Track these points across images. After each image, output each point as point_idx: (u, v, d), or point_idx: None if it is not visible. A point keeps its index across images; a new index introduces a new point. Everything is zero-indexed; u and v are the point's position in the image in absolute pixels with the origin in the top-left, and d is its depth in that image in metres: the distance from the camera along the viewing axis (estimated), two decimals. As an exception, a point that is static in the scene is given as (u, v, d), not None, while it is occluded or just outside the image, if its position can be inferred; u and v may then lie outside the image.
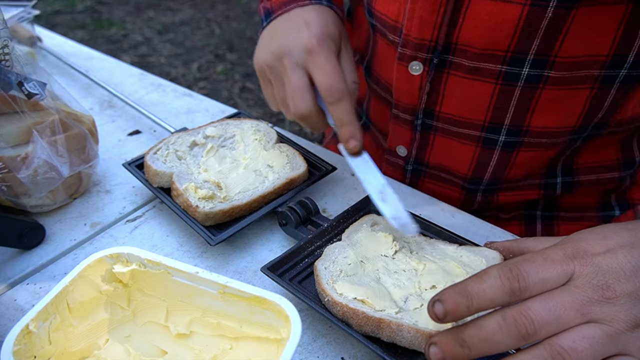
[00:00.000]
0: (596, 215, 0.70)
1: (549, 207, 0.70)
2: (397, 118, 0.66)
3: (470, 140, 0.63)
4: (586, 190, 0.68)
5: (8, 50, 0.56)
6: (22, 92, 0.57)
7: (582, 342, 0.34)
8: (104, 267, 0.44)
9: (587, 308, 0.35)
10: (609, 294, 0.36)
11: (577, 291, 0.36)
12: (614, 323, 0.35)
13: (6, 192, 0.57)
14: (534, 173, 0.66)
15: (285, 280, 0.50)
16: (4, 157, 0.55)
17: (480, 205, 0.70)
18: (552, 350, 0.34)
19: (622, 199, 0.70)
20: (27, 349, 0.39)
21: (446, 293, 0.37)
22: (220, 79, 3.09)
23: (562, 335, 0.35)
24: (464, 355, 0.36)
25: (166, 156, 0.63)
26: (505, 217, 0.71)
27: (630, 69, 0.54)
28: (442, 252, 0.52)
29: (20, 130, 0.57)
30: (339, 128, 0.54)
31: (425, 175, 0.71)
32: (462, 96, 0.59)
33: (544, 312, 0.35)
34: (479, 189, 0.68)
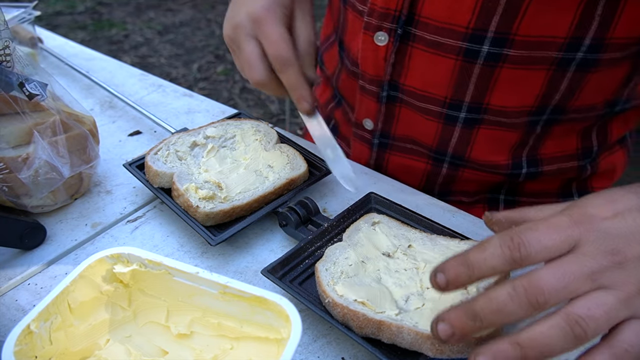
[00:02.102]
0: (556, 201, 0.69)
1: (512, 192, 0.71)
2: (363, 90, 0.68)
3: (433, 115, 0.64)
4: (548, 179, 0.69)
5: (9, 51, 0.56)
6: (23, 93, 0.57)
7: (597, 309, 0.34)
8: (105, 268, 0.44)
9: (597, 274, 0.35)
10: (619, 258, 0.35)
11: (585, 258, 0.35)
12: (625, 287, 0.34)
13: (7, 192, 0.57)
14: (499, 161, 0.66)
15: (285, 282, 0.50)
16: (5, 157, 0.55)
17: (445, 179, 0.71)
18: (569, 318, 0.34)
19: (583, 187, 0.71)
20: (28, 349, 0.39)
21: (448, 263, 0.37)
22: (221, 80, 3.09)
23: (576, 304, 0.34)
24: (475, 328, 0.35)
25: (167, 156, 0.63)
26: (469, 201, 0.72)
27: (587, 53, 0.55)
28: (445, 248, 0.52)
29: (21, 131, 0.57)
30: (290, 92, 0.56)
31: (392, 148, 0.72)
32: (425, 70, 0.61)
33: (554, 280, 0.34)
34: (445, 160, 0.69)
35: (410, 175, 0.72)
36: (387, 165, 0.74)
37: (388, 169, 0.74)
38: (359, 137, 0.74)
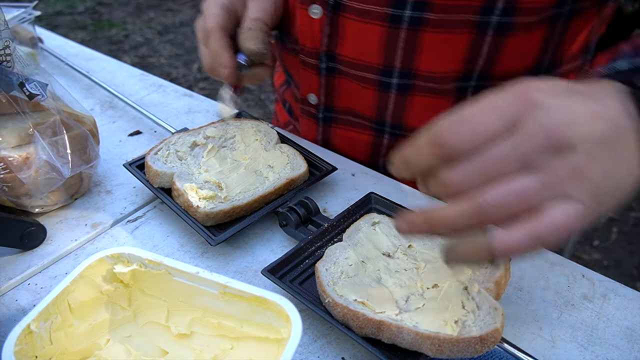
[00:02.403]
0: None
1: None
2: (304, 64, 0.70)
3: (369, 84, 0.66)
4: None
5: (9, 51, 0.56)
6: (23, 93, 0.57)
7: (508, 195, 0.34)
8: (105, 267, 0.44)
9: (529, 155, 0.34)
10: (556, 139, 0.34)
11: (519, 135, 0.34)
12: (556, 170, 0.34)
13: (7, 192, 0.57)
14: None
15: (286, 282, 0.50)
16: (5, 157, 0.55)
17: (387, 150, 0.72)
18: (475, 204, 0.34)
19: None
20: (29, 349, 0.39)
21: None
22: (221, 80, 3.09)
23: (490, 189, 0.34)
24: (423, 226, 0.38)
25: (167, 156, 0.63)
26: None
27: (501, 16, 0.57)
28: None
29: (21, 131, 0.57)
30: (212, 60, 0.62)
31: (337, 122, 0.74)
32: (357, 39, 0.63)
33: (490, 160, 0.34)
34: (385, 130, 0.71)
35: (355, 149, 0.75)
36: (334, 140, 0.76)
37: (335, 144, 0.77)
38: (306, 113, 0.76)
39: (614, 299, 0.52)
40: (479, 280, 0.47)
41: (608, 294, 0.52)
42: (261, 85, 2.97)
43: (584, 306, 0.51)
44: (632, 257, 2.01)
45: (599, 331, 0.49)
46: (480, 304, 0.44)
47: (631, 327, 0.49)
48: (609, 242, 2.09)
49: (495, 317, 0.42)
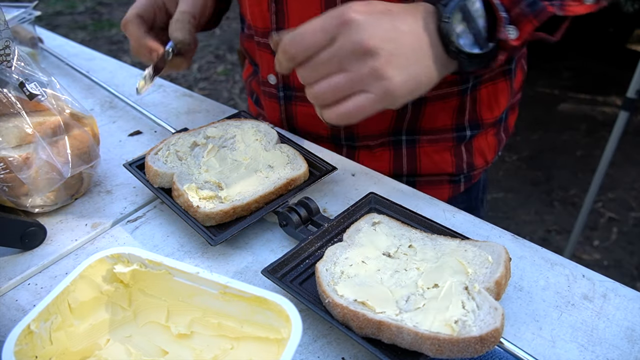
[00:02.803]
0: (451, 136, 0.77)
1: (412, 132, 0.77)
2: (259, 45, 0.74)
3: None
4: (436, 109, 0.74)
5: (9, 51, 0.56)
6: (23, 93, 0.57)
7: (326, 87, 0.50)
8: (105, 268, 0.44)
9: (343, 60, 0.49)
10: (361, 48, 0.49)
11: (334, 46, 0.50)
12: (359, 70, 0.49)
13: (7, 192, 0.57)
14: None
15: (286, 282, 0.50)
16: (5, 157, 0.55)
17: (346, 128, 0.76)
18: (311, 91, 0.52)
19: (473, 119, 0.77)
20: (29, 349, 0.39)
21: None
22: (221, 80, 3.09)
23: (317, 83, 0.51)
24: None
25: (167, 156, 0.63)
26: (374, 144, 0.77)
27: None
28: (446, 247, 0.52)
29: (21, 131, 0.57)
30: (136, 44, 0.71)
31: (297, 100, 0.77)
32: (301, 13, 0.67)
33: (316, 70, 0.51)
34: None
35: (318, 126, 0.77)
36: (297, 118, 0.78)
37: (299, 122, 0.79)
38: (268, 95, 0.79)
39: (614, 299, 0.52)
40: (479, 280, 0.47)
41: (608, 294, 0.52)
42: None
43: (584, 306, 0.51)
44: (632, 257, 2.01)
45: (599, 331, 0.49)
46: (480, 304, 0.44)
47: (631, 327, 0.49)
48: (609, 242, 2.09)
49: (496, 317, 0.42)
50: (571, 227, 1.84)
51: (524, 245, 0.58)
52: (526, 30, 0.54)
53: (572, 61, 3.27)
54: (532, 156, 2.59)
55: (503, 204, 2.31)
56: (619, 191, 2.34)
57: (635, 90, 1.58)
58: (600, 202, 2.26)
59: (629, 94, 1.59)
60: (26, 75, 0.58)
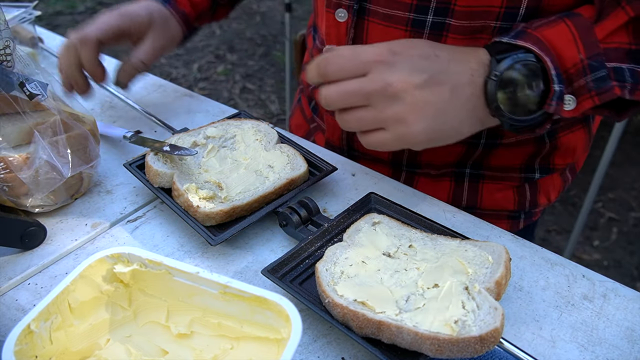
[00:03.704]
0: (518, 176, 0.75)
1: (477, 166, 0.74)
2: None
3: None
4: (509, 152, 0.72)
5: (10, 50, 0.56)
6: (23, 93, 0.57)
7: (352, 118, 0.52)
8: (105, 267, 0.44)
9: (370, 95, 0.50)
10: (389, 90, 0.49)
11: (364, 79, 0.50)
12: (383, 111, 0.50)
13: (7, 192, 0.57)
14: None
15: (286, 282, 0.50)
16: (5, 157, 0.55)
17: (410, 151, 0.73)
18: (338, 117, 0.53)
19: (545, 163, 0.74)
20: (29, 349, 0.39)
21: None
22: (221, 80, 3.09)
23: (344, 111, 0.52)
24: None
25: (167, 156, 0.63)
26: (436, 174, 0.75)
27: (524, 21, 0.56)
28: (446, 247, 0.52)
29: (21, 131, 0.57)
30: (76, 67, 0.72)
31: None
32: (380, 42, 0.65)
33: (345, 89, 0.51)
34: None
35: (380, 151, 0.74)
36: (358, 141, 0.75)
37: (359, 144, 0.77)
38: (332, 112, 0.76)
39: (614, 299, 0.52)
40: (479, 280, 0.47)
41: (608, 294, 0.52)
42: (261, 86, 2.97)
43: (584, 306, 0.51)
44: (632, 257, 2.01)
45: (599, 331, 0.49)
46: (480, 303, 0.44)
47: (631, 327, 0.49)
48: (609, 242, 2.09)
49: (495, 317, 0.42)
50: (571, 227, 1.84)
51: (524, 245, 0.58)
52: (584, 105, 0.51)
53: (572, 61, 3.26)
54: (532, 156, 2.58)
55: (503, 204, 2.31)
56: (619, 191, 2.34)
57: (635, 91, 1.58)
58: (600, 202, 2.26)
59: (629, 94, 1.59)
60: (26, 75, 0.58)
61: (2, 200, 0.58)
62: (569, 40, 0.51)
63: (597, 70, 0.50)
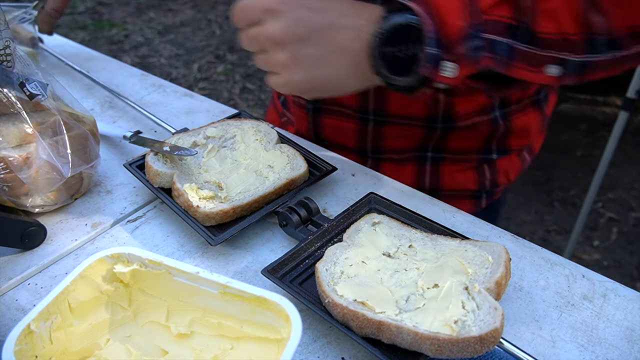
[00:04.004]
0: (476, 157, 0.78)
1: (438, 149, 0.77)
2: None
3: None
4: (466, 134, 0.75)
5: (10, 50, 0.56)
6: (23, 93, 0.57)
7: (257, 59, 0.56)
8: (105, 267, 0.44)
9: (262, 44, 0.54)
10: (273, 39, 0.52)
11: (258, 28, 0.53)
12: (274, 56, 0.53)
13: (7, 192, 0.57)
14: (416, 113, 0.73)
15: (285, 282, 0.50)
16: (5, 157, 0.55)
17: (373, 137, 0.76)
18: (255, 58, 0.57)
19: (501, 145, 0.78)
20: (29, 349, 0.39)
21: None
22: (221, 80, 3.09)
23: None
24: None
25: (167, 156, 0.64)
26: (399, 158, 0.78)
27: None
28: (446, 247, 0.52)
29: (21, 131, 0.57)
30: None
31: (325, 112, 0.78)
32: None
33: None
34: (369, 118, 0.74)
35: (344, 137, 0.78)
36: (325, 129, 0.79)
37: (325, 133, 0.80)
38: (297, 104, 0.81)
39: (614, 299, 0.52)
40: (479, 280, 0.47)
41: (608, 294, 0.52)
42: (261, 86, 2.97)
43: (584, 306, 0.51)
44: (632, 257, 2.01)
45: (599, 331, 0.49)
46: (480, 304, 0.44)
47: (631, 328, 0.49)
48: (609, 242, 2.09)
49: (495, 317, 0.42)
50: (571, 227, 1.84)
51: (523, 245, 0.58)
52: (464, 72, 0.51)
53: (572, 61, 3.26)
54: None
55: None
56: (619, 191, 2.34)
57: (635, 91, 1.58)
58: (600, 202, 2.26)
59: (629, 94, 1.59)
60: (26, 75, 0.58)
61: (2, 200, 0.58)
62: (456, 8, 0.50)
63: (474, 39, 0.50)
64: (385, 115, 0.73)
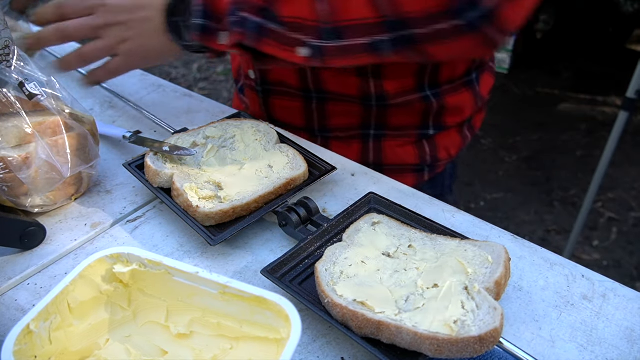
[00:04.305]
0: (415, 133, 0.83)
1: (379, 127, 0.82)
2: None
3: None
4: (402, 111, 0.79)
5: (9, 50, 0.56)
6: (23, 93, 0.57)
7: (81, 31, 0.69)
8: (105, 267, 0.44)
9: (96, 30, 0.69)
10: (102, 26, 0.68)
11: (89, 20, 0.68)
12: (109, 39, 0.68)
13: (7, 192, 0.57)
14: (350, 91, 0.77)
15: (285, 282, 0.50)
16: (5, 157, 0.55)
17: (318, 114, 0.81)
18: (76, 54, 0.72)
19: (438, 122, 0.82)
20: (28, 349, 0.39)
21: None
22: (221, 80, 3.09)
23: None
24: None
25: (166, 156, 0.63)
26: (344, 136, 0.83)
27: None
28: (446, 247, 0.52)
29: (21, 131, 0.57)
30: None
31: (274, 93, 0.83)
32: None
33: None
34: (312, 97, 0.79)
35: (293, 117, 0.83)
36: (275, 110, 0.85)
37: (277, 113, 0.85)
38: (249, 87, 0.86)
39: (613, 299, 0.52)
40: (479, 280, 0.47)
41: (608, 294, 0.52)
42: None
43: (584, 306, 0.51)
44: (631, 257, 2.02)
45: (598, 331, 0.49)
46: (480, 303, 0.44)
47: (631, 327, 0.49)
48: (609, 242, 2.09)
49: (495, 317, 0.42)
50: (571, 227, 1.84)
51: (523, 245, 0.58)
52: (232, 41, 0.62)
53: (572, 61, 3.27)
54: (532, 156, 2.59)
55: (503, 204, 2.31)
56: (619, 191, 2.34)
57: (635, 91, 1.58)
58: (600, 202, 2.26)
59: (629, 94, 1.59)
60: (26, 75, 0.58)
61: (1, 200, 0.58)
62: None
63: (233, 15, 0.61)
64: (324, 92, 0.78)
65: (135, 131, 0.71)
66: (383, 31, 0.59)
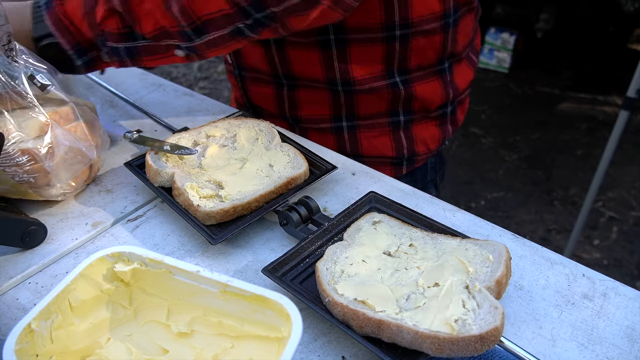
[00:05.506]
0: (386, 121, 0.83)
1: (350, 118, 0.83)
2: None
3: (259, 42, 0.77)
4: (370, 98, 0.80)
5: (12, 45, 0.57)
6: (34, 85, 0.57)
7: None
8: (106, 266, 0.44)
9: None
10: None
11: None
12: None
13: (33, 184, 0.57)
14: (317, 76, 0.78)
15: (286, 281, 0.50)
16: (30, 149, 0.55)
17: (290, 102, 0.82)
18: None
19: (407, 107, 0.82)
20: (29, 348, 0.39)
21: None
22: (221, 79, 3.09)
23: None
24: None
25: (167, 155, 0.64)
26: (319, 127, 0.84)
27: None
28: (447, 246, 0.52)
29: (39, 122, 0.57)
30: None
31: (250, 79, 0.85)
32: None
33: None
34: (283, 82, 0.81)
35: (267, 103, 0.84)
36: (252, 96, 0.86)
37: (254, 100, 0.86)
38: (230, 72, 0.89)
39: (614, 298, 0.52)
40: (480, 279, 0.47)
41: (608, 293, 0.52)
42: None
43: (584, 305, 0.51)
44: (632, 256, 2.01)
45: (599, 330, 0.49)
46: (480, 302, 0.44)
47: (631, 326, 0.49)
48: (609, 241, 2.09)
49: (496, 316, 0.42)
50: (571, 226, 1.84)
51: (524, 244, 0.58)
52: (114, 65, 0.67)
53: (572, 61, 3.26)
54: (532, 156, 2.59)
55: (503, 203, 2.31)
56: (619, 190, 2.34)
57: (635, 90, 1.58)
58: (600, 201, 2.26)
59: (629, 93, 1.59)
60: (31, 68, 0.58)
61: (23, 192, 0.58)
62: (81, 20, 0.64)
63: (103, 46, 0.65)
64: (293, 78, 0.79)
65: (136, 130, 0.71)
66: (243, 18, 0.61)
